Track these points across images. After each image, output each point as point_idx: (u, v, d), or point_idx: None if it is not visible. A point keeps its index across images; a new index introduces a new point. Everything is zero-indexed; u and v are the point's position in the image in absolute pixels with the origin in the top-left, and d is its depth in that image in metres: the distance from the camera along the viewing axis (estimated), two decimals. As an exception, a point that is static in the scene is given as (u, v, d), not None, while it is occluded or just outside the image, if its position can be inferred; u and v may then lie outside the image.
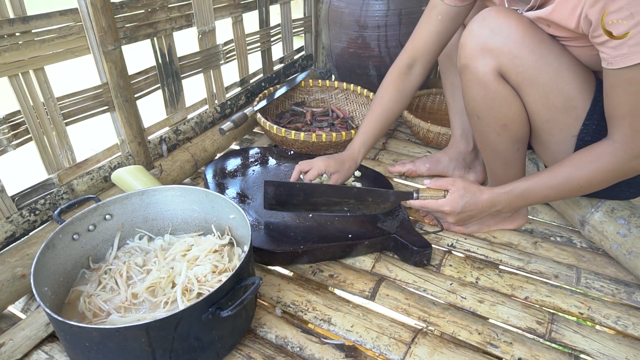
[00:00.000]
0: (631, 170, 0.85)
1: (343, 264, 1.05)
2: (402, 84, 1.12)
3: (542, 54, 0.85)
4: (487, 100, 0.92)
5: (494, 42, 0.86)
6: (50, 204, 1.08)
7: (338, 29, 1.69)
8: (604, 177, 0.86)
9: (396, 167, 1.40)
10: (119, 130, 1.23)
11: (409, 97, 1.13)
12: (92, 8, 1.04)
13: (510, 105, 0.92)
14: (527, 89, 0.88)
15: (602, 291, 0.98)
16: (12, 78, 0.97)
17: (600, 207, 1.05)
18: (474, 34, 0.88)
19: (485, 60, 0.88)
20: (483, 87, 0.91)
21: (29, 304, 0.96)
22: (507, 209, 0.97)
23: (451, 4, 1.02)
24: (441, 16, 1.03)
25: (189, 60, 1.42)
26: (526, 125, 0.95)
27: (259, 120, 1.46)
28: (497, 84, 0.90)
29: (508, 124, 0.94)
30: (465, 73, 0.93)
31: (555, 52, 0.85)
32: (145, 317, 0.76)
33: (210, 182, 1.23)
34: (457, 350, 0.84)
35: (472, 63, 0.90)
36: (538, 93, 0.87)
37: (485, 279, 1.01)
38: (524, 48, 0.85)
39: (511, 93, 0.90)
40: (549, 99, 0.87)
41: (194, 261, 0.88)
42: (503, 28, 0.85)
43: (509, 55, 0.86)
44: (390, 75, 1.13)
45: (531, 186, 0.92)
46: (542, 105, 0.88)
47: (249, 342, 0.86)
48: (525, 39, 0.84)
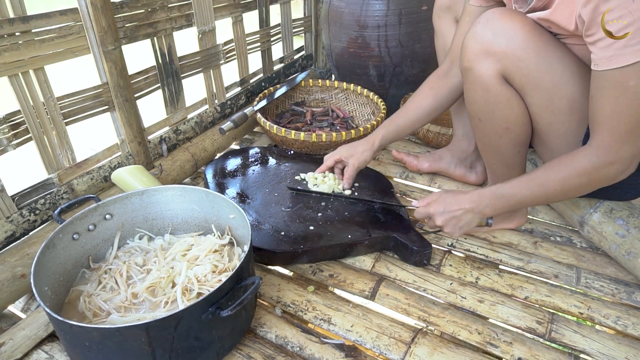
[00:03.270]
0: (605, 178, 0.82)
1: (343, 264, 1.05)
2: (436, 82, 1.12)
3: (546, 57, 0.84)
4: (490, 103, 0.92)
5: (498, 45, 0.85)
6: (50, 203, 1.08)
7: (338, 28, 1.69)
8: (577, 181, 0.83)
9: (401, 154, 1.40)
10: (119, 130, 1.23)
11: (444, 94, 1.11)
12: (92, 8, 1.04)
13: (512, 108, 0.91)
14: (531, 92, 0.87)
15: (602, 291, 0.98)
16: (12, 78, 0.97)
17: (599, 207, 1.05)
18: (477, 37, 0.88)
19: (488, 63, 0.87)
20: (485, 90, 0.91)
21: (29, 304, 0.96)
22: (490, 210, 0.92)
23: (476, 4, 1.02)
24: (469, 17, 1.04)
25: (189, 60, 1.42)
26: (528, 127, 0.94)
27: (259, 120, 1.46)
28: (500, 87, 0.89)
29: (510, 126, 0.94)
30: (467, 75, 0.93)
31: (559, 54, 0.84)
32: (145, 317, 0.76)
33: (210, 182, 1.23)
34: (457, 350, 0.84)
35: (475, 66, 0.89)
36: (542, 96, 0.87)
37: (485, 278, 1.01)
38: (528, 51, 0.84)
39: (514, 96, 0.90)
40: (553, 102, 0.87)
41: (194, 261, 0.88)
42: (507, 31, 0.84)
43: (513, 58, 0.85)
44: (427, 79, 1.15)
45: (512, 188, 0.89)
46: (545, 108, 0.88)
47: (249, 342, 0.86)
48: (529, 42, 0.83)
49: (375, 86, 1.74)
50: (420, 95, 1.13)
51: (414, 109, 1.13)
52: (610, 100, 0.75)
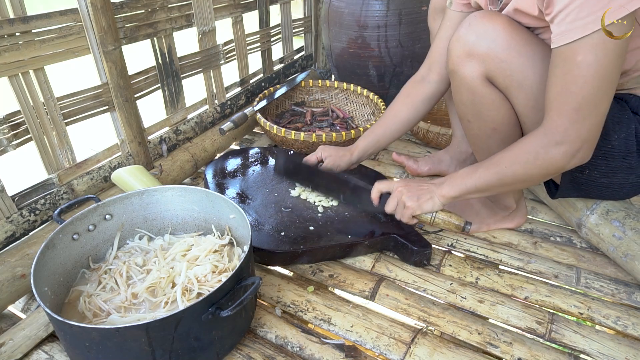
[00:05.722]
0: (553, 160, 0.79)
1: (343, 264, 1.05)
2: (412, 89, 1.13)
3: (528, 57, 0.84)
4: (476, 104, 0.93)
5: (480, 47, 0.86)
6: (50, 204, 1.08)
7: (338, 29, 1.69)
8: (525, 159, 0.81)
9: (402, 157, 1.40)
10: (119, 130, 1.23)
11: (419, 103, 1.12)
12: (92, 8, 1.04)
13: (499, 109, 0.92)
14: (515, 92, 0.88)
15: (601, 291, 0.98)
16: (12, 78, 0.97)
17: (596, 209, 1.05)
18: (461, 40, 0.88)
19: (472, 66, 0.88)
20: (471, 92, 0.91)
21: (29, 304, 0.96)
22: (448, 188, 0.91)
23: (457, 9, 1.03)
24: (449, 22, 1.05)
25: (189, 60, 1.42)
26: (516, 127, 0.94)
27: (259, 120, 1.46)
28: (485, 89, 0.90)
29: (498, 127, 0.94)
30: (453, 78, 0.94)
31: (541, 53, 0.84)
32: (145, 317, 0.76)
33: (210, 182, 1.23)
34: (457, 350, 0.84)
35: (460, 68, 0.90)
36: (526, 95, 0.87)
37: (485, 279, 1.01)
38: (510, 52, 0.84)
39: (499, 97, 0.90)
40: (537, 100, 0.87)
41: (194, 261, 0.88)
42: (489, 33, 0.85)
43: (496, 60, 0.85)
44: (405, 85, 1.15)
45: (470, 167, 0.90)
46: (531, 107, 0.88)
47: (249, 342, 0.86)
48: (511, 42, 0.84)
49: (375, 86, 1.74)
50: (397, 104, 1.14)
51: (392, 117, 1.14)
52: (559, 77, 0.75)
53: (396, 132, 1.15)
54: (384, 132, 1.15)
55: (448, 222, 0.96)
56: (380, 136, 1.15)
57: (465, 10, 1.02)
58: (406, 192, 0.94)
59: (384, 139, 1.16)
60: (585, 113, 0.74)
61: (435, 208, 0.93)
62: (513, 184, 0.87)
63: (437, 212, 0.95)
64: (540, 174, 0.84)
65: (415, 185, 0.95)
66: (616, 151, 0.88)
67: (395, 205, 0.96)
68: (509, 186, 0.88)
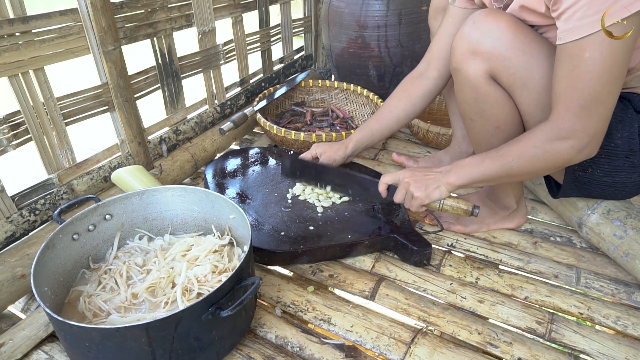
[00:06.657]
0: (560, 154, 0.80)
1: (343, 264, 1.05)
2: (410, 85, 1.13)
3: (533, 55, 0.84)
4: (479, 102, 0.93)
5: (485, 45, 0.86)
6: (50, 204, 1.08)
7: (338, 29, 1.69)
8: (532, 152, 0.82)
9: (402, 157, 1.40)
10: (119, 130, 1.23)
11: (417, 98, 1.12)
12: (92, 8, 1.04)
13: (502, 108, 0.92)
14: (519, 91, 0.88)
15: (601, 291, 0.98)
16: (12, 78, 0.97)
17: (597, 209, 1.05)
18: (465, 38, 0.88)
19: (476, 64, 0.88)
20: (474, 90, 0.91)
21: (29, 304, 0.96)
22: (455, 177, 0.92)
23: (461, 6, 1.03)
24: (452, 19, 1.05)
25: (189, 60, 1.42)
26: (519, 125, 0.95)
27: (259, 120, 1.46)
28: (488, 87, 0.90)
29: (501, 125, 0.94)
30: (457, 76, 0.94)
31: (545, 51, 0.84)
32: (145, 317, 0.76)
33: (210, 182, 1.23)
34: (457, 350, 0.84)
35: (463, 66, 0.90)
36: (530, 94, 0.87)
37: (485, 279, 1.01)
38: (514, 50, 0.84)
39: (503, 95, 0.90)
40: (541, 99, 0.87)
41: (193, 261, 0.88)
42: (493, 31, 0.85)
43: (500, 58, 0.85)
44: (403, 81, 1.15)
45: (477, 156, 0.91)
46: (535, 106, 0.88)
47: (249, 342, 0.86)
48: (515, 41, 0.84)
49: (375, 86, 1.74)
50: (394, 99, 1.14)
51: (388, 113, 1.15)
52: (566, 73, 0.75)
53: (392, 127, 1.16)
54: (379, 126, 1.15)
55: (456, 208, 0.97)
56: (375, 130, 1.16)
57: (469, 6, 1.02)
58: (413, 183, 0.95)
59: (379, 133, 1.16)
60: (591, 109, 0.75)
61: (443, 196, 0.95)
62: (519, 175, 0.89)
63: (444, 198, 0.96)
64: (546, 168, 0.86)
65: (421, 175, 0.96)
66: (619, 150, 0.88)
67: (404, 196, 0.97)
68: (515, 177, 0.90)
